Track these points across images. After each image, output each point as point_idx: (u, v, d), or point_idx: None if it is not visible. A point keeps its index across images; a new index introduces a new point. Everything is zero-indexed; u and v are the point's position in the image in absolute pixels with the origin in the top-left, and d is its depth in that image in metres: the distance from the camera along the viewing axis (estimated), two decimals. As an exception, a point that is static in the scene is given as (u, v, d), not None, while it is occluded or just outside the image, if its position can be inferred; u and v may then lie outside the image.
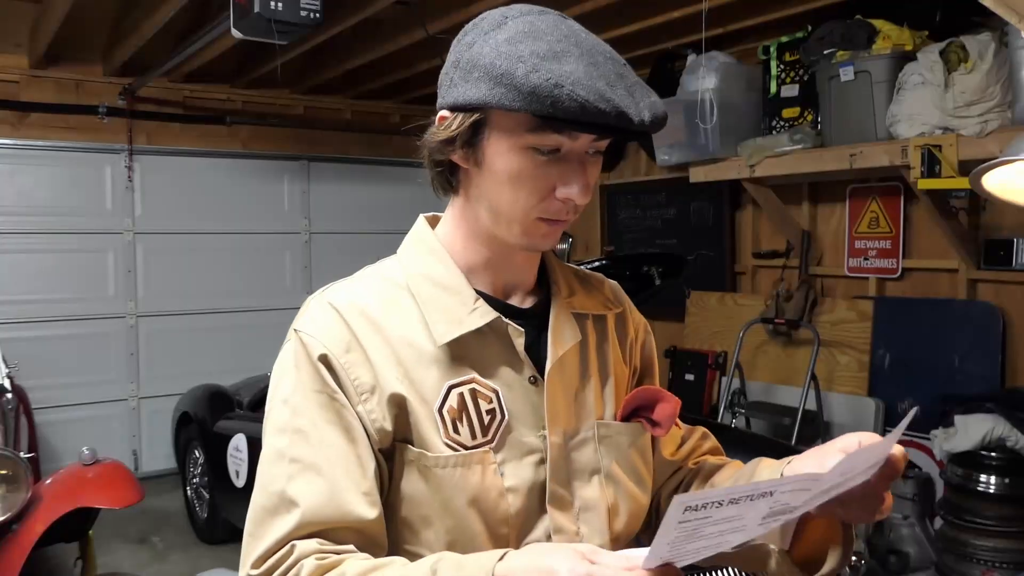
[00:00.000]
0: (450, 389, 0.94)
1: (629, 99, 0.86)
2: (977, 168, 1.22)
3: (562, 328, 1.01)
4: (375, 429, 0.92)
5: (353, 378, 0.92)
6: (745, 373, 4.39)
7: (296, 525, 0.88)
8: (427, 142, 0.96)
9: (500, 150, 0.90)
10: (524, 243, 0.95)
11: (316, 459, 0.90)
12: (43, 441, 4.87)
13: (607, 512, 1.00)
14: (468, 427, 0.94)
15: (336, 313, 0.96)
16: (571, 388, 1.01)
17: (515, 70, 0.84)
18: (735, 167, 4.18)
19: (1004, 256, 3.59)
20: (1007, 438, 3.28)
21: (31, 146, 5.06)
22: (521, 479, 0.95)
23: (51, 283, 5.15)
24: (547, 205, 0.92)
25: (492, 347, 0.97)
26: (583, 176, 0.90)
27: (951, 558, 3.31)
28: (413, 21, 4.02)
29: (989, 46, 3.14)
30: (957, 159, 3.21)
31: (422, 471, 0.93)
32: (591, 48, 0.88)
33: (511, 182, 0.90)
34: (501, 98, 0.85)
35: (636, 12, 3.99)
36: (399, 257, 1.03)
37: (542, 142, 0.88)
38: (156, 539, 4.47)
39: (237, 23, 3.14)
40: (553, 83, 0.82)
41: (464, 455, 0.93)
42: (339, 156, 6.20)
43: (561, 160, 0.90)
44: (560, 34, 0.88)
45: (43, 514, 2.63)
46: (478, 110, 0.89)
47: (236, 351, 5.65)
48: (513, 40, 0.87)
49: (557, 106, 0.83)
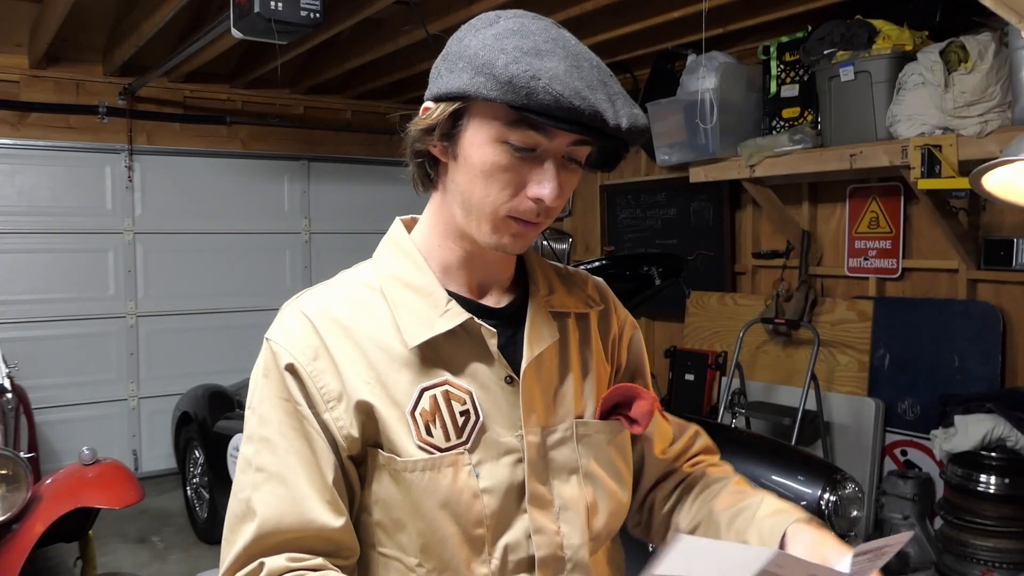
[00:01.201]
0: (422, 392, 0.94)
1: (607, 103, 0.86)
2: (977, 168, 1.22)
3: (539, 327, 1.01)
4: (343, 436, 0.93)
5: (320, 386, 0.93)
6: (745, 373, 4.39)
7: (258, 534, 0.90)
8: (409, 132, 0.97)
9: (476, 142, 0.91)
10: (493, 242, 0.94)
11: (280, 468, 0.91)
12: (43, 441, 4.87)
13: (586, 510, 1.00)
14: (442, 429, 0.93)
15: (306, 320, 0.96)
16: (549, 387, 1.01)
17: (496, 60, 0.86)
18: (735, 167, 4.18)
19: (1004, 256, 3.59)
20: (1007, 438, 3.28)
21: (31, 146, 5.06)
22: (497, 479, 0.95)
23: (51, 283, 5.15)
24: (517, 203, 0.91)
25: (465, 348, 0.97)
26: (555, 177, 0.90)
27: (951, 558, 3.31)
28: (413, 21, 4.02)
29: (989, 46, 3.14)
30: (957, 159, 3.21)
31: (392, 475, 0.93)
32: (577, 53, 0.89)
33: (484, 176, 0.91)
34: (480, 87, 0.86)
35: (636, 12, 3.99)
36: (374, 259, 1.04)
37: (518, 138, 0.88)
38: (156, 539, 4.47)
39: (237, 23, 3.14)
40: (531, 75, 0.83)
41: (434, 458, 0.92)
42: (339, 156, 6.20)
43: (536, 160, 0.90)
44: (548, 36, 0.89)
45: (43, 514, 2.62)
46: (458, 99, 0.90)
47: (236, 351, 5.65)
48: (500, 36, 0.88)
49: (532, 97, 0.83)
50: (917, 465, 3.90)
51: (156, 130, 5.46)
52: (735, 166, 4.18)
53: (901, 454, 3.98)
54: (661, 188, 5.36)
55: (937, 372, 3.84)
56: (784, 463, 2.78)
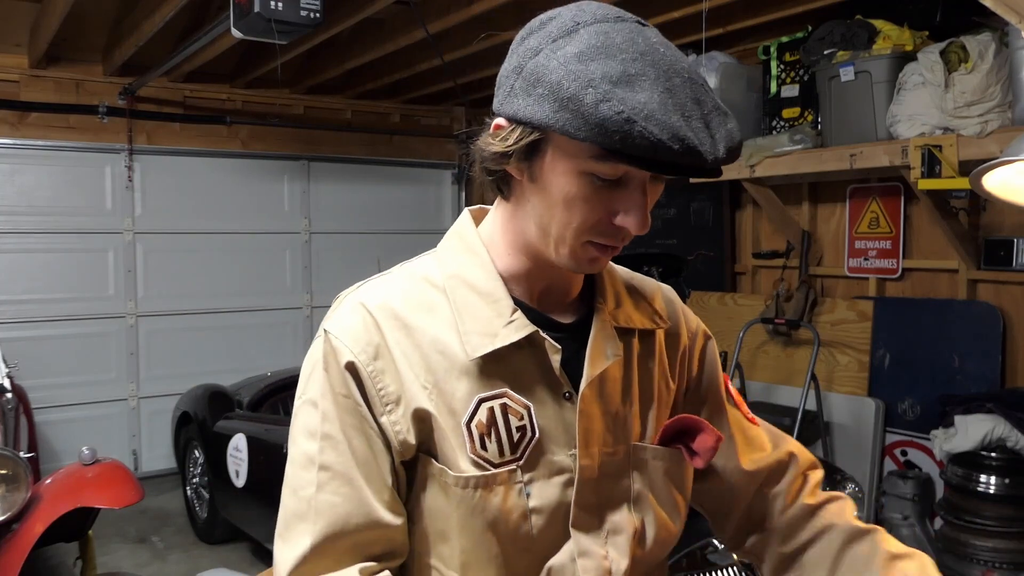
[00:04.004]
0: (480, 403, 0.90)
1: (704, 132, 0.79)
2: (977, 168, 1.22)
3: (602, 345, 0.95)
4: (398, 441, 0.90)
5: (379, 387, 0.90)
6: (745, 373, 4.39)
7: (327, 534, 0.87)
8: (480, 149, 0.89)
9: (558, 171, 0.84)
10: (570, 265, 0.90)
11: (346, 467, 0.89)
12: (43, 441, 4.87)
13: (633, 536, 0.96)
14: (496, 443, 0.90)
15: (367, 315, 0.92)
16: (609, 407, 0.96)
17: (584, 96, 0.76)
18: (735, 167, 4.17)
19: (1004, 256, 3.59)
20: (1007, 438, 3.28)
21: (31, 146, 5.06)
22: (547, 499, 0.91)
23: (51, 283, 5.15)
24: (600, 230, 0.86)
25: (527, 361, 0.92)
26: (643, 205, 0.85)
27: (951, 558, 3.31)
28: (413, 21, 4.01)
29: (989, 46, 3.14)
30: (957, 159, 3.21)
31: (442, 487, 0.90)
32: (668, 68, 0.80)
33: (566, 204, 0.85)
34: (566, 124, 0.78)
35: (636, 12, 3.96)
36: (438, 254, 0.99)
37: (606, 171, 0.82)
38: (156, 539, 4.47)
39: (237, 23, 3.14)
40: (624, 117, 0.75)
41: (487, 475, 0.89)
42: (339, 156, 6.20)
43: (621, 186, 0.84)
44: (636, 51, 0.80)
45: (43, 514, 2.62)
46: (539, 129, 0.83)
47: (236, 351, 5.65)
48: (584, 57, 0.79)
49: (627, 142, 0.76)
50: (917, 465, 3.90)
51: (156, 130, 5.46)
52: (735, 166, 4.17)
53: (901, 454, 3.98)
54: (661, 188, 5.36)
55: (937, 372, 3.84)
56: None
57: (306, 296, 6.09)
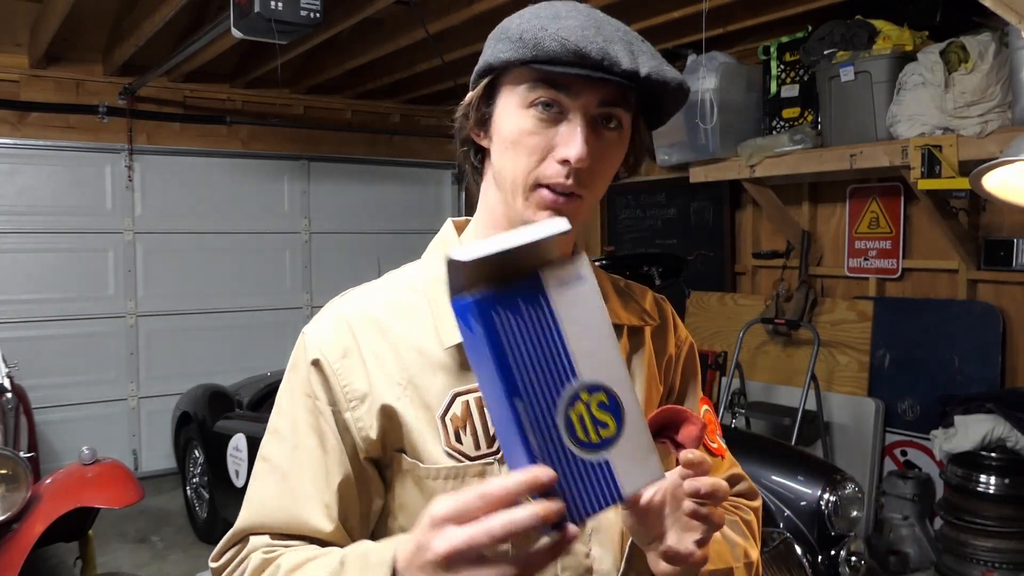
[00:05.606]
0: (455, 397, 0.91)
1: (624, 52, 0.84)
2: (977, 168, 1.22)
3: None
4: (361, 437, 0.91)
5: (344, 384, 0.91)
6: (745, 373, 4.39)
7: (245, 524, 0.91)
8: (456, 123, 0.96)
9: (505, 111, 0.90)
10: (529, 215, 0.90)
11: (285, 463, 0.91)
12: (43, 441, 4.87)
13: (620, 534, 0.95)
14: (472, 437, 0.90)
15: (343, 318, 0.95)
16: None
17: (510, 24, 0.88)
18: (735, 167, 4.18)
19: (1004, 256, 3.59)
20: (1007, 438, 3.28)
21: (31, 146, 5.06)
22: None
23: (51, 283, 5.15)
24: (545, 167, 0.88)
25: None
26: (582, 137, 0.86)
27: (951, 558, 3.31)
28: (413, 21, 4.01)
29: (989, 46, 3.14)
30: (957, 159, 3.21)
31: (416, 481, 0.91)
32: (601, 19, 0.87)
33: (513, 145, 0.89)
34: (497, 53, 0.87)
35: (636, 12, 3.99)
36: (422, 261, 1.02)
37: (539, 95, 0.87)
38: (156, 539, 4.47)
39: (237, 23, 3.14)
40: (540, 27, 0.84)
41: (460, 467, 0.90)
42: (339, 156, 6.20)
43: (563, 121, 0.87)
44: (572, 6, 0.88)
45: (43, 514, 2.62)
46: (484, 75, 0.91)
47: (236, 351, 5.65)
48: (525, 12, 0.89)
49: (539, 47, 0.83)
50: (917, 465, 3.90)
51: (156, 130, 5.46)
52: (735, 166, 4.18)
53: (901, 454, 3.98)
54: (661, 188, 5.36)
55: (937, 372, 3.84)
56: (784, 463, 2.78)
57: (306, 296, 6.09)
